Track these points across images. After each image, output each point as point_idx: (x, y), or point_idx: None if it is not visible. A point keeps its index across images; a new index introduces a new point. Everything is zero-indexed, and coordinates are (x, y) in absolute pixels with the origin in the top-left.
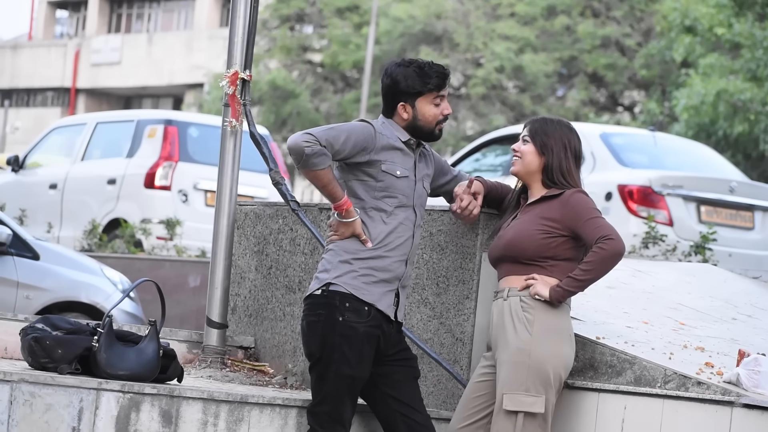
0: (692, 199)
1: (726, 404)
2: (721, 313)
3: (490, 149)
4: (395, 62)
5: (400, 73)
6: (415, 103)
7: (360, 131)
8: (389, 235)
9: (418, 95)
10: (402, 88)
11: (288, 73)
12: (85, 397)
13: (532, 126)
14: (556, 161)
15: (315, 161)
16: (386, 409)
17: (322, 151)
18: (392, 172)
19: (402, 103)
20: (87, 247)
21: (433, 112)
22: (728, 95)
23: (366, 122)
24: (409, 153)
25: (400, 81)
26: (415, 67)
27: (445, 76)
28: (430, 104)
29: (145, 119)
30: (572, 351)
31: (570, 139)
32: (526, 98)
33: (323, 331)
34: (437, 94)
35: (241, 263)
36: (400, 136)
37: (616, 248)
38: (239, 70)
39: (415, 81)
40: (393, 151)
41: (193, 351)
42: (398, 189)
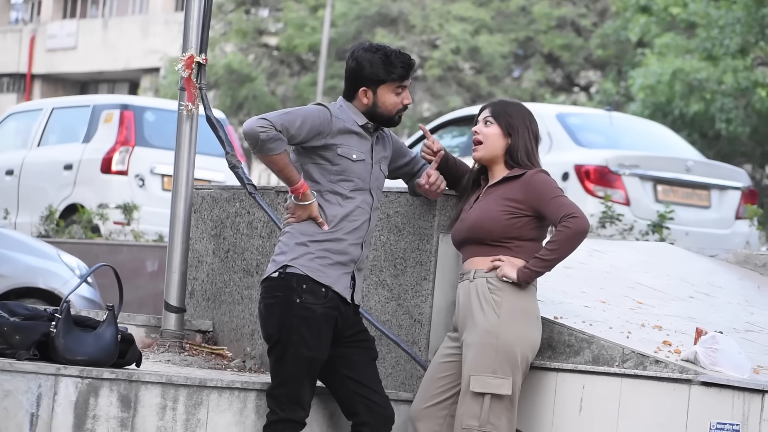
0: (649, 178)
1: (684, 382)
2: (679, 292)
3: (446, 131)
4: (363, 46)
5: (366, 58)
6: (377, 90)
7: (316, 115)
8: (345, 219)
9: (380, 83)
10: (365, 74)
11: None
12: (43, 383)
13: (495, 108)
14: (521, 142)
15: (270, 146)
16: (345, 390)
17: (277, 135)
18: (348, 155)
19: (364, 89)
20: (44, 233)
21: (394, 101)
22: (684, 74)
23: (322, 106)
24: (366, 136)
25: (365, 67)
26: (382, 54)
27: (410, 66)
28: (392, 93)
29: (101, 104)
30: (539, 333)
31: (531, 120)
32: (483, 79)
33: (281, 313)
34: (400, 84)
35: (199, 247)
36: (357, 119)
37: (581, 226)
38: (195, 54)
39: (380, 69)
40: (349, 134)
41: (152, 335)
42: (354, 173)
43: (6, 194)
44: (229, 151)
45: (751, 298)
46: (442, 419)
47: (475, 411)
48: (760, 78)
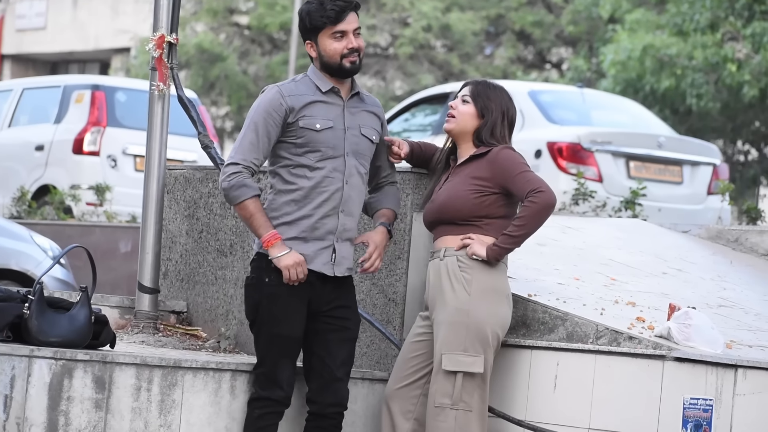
0: (621, 154)
1: (658, 358)
2: (652, 268)
3: (419, 109)
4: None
5: (303, 10)
6: (318, 41)
7: (269, 108)
8: (313, 191)
9: (317, 31)
10: (303, 26)
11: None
12: (17, 364)
13: (475, 88)
14: (491, 125)
15: (236, 194)
16: (307, 362)
17: (242, 181)
18: (311, 126)
19: (308, 42)
20: (16, 214)
21: (334, 47)
22: (655, 50)
23: (274, 87)
24: (335, 101)
25: (303, 18)
26: (317, 3)
27: (342, 8)
28: (330, 39)
29: (72, 84)
30: (510, 310)
31: (509, 107)
32: (455, 57)
33: (253, 293)
34: (335, 28)
35: (172, 228)
36: (321, 85)
37: (547, 200)
38: (165, 33)
39: (314, 16)
40: (311, 105)
41: (125, 316)
42: (321, 142)
43: None
44: (202, 131)
45: (724, 274)
46: (416, 399)
47: (447, 389)
48: (730, 53)
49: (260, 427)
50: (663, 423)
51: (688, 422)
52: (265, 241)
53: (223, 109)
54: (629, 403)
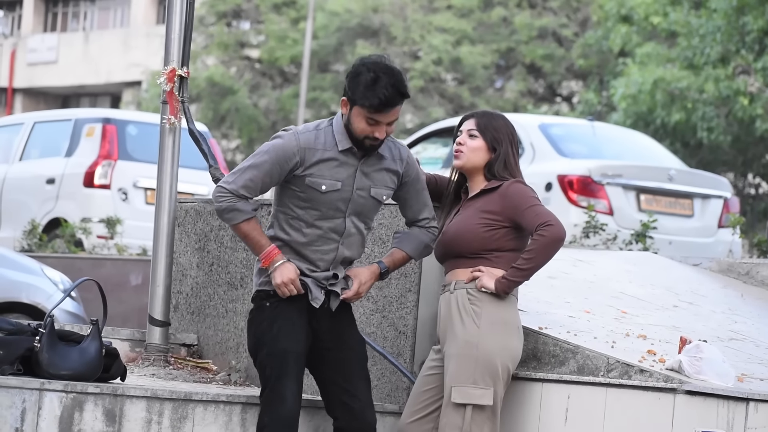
0: (632, 187)
1: (669, 391)
2: (663, 301)
3: (429, 141)
4: (371, 59)
5: (359, 71)
6: (353, 107)
7: (281, 156)
8: (306, 247)
9: (356, 102)
10: (348, 85)
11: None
12: (27, 397)
13: (480, 121)
14: (503, 156)
15: (228, 216)
16: (326, 391)
17: (232, 206)
18: (316, 186)
19: (344, 98)
20: (27, 248)
21: (362, 128)
22: (665, 84)
23: (293, 135)
24: (349, 161)
25: (351, 78)
26: (372, 76)
27: (389, 102)
28: (363, 119)
29: (83, 118)
30: (520, 343)
31: (513, 132)
32: (465, 90)
33: (255, 325)
34: (372, 115)
35: (183, 261)
36: (340, 143)
37: (556, 234)
38: (177, 67)
39: (359, 89)
40: (323, 163)
41: (136, 349)
42: (322, 203)
43: None
44: (213, 164)
45: (735, 307)
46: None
47: (457, 422)
48: (741, 86)
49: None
50: None
51: None
52: (263, 258)
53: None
54: None
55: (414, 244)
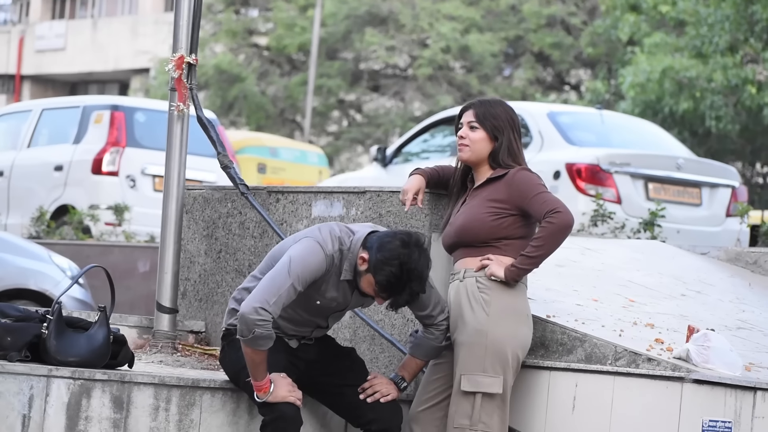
0: (640, 176)
1: (676, 380)
2: (671, 290)
3: (437, 130)
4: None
5: (389, 255)
6: (368, 273)
7: (313, 273)
8: (283, 321)
9: (373, 276)
10: (372, 260)
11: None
12: (35, 384)
13: (478, 110)
14: (506, 143)
15: (260, 342)
16: (344, 399)
17: (270, 334)
18: (312, 298)
19: (363, 257)
20: (35, 234)
21: (368, 290)
22: (674, 72)
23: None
24: (349, 287)
25: (383, 257)
26: (401, 276)
27: (399, 305)
28: (372, 290)
29: (91, 105)
30: (530, 331)
31: (513, 117)
32: (473, 78)
33: (230, 357)
34: (380, 296)
35: (191, 248)
36: (345, 273)
37: (564, 221)
38: (185, 54)
39: (380, 277)
40: (332, 282)
41: (144, 336)
42: (311, 307)
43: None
44: (221, 151)
45: (742, 296)
46: (439, 420)
47: (466, 410)
48: (750, 75)
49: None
50: None
51: None
52: (258, 386)
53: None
54: (648, 425)
55: (426, 351)
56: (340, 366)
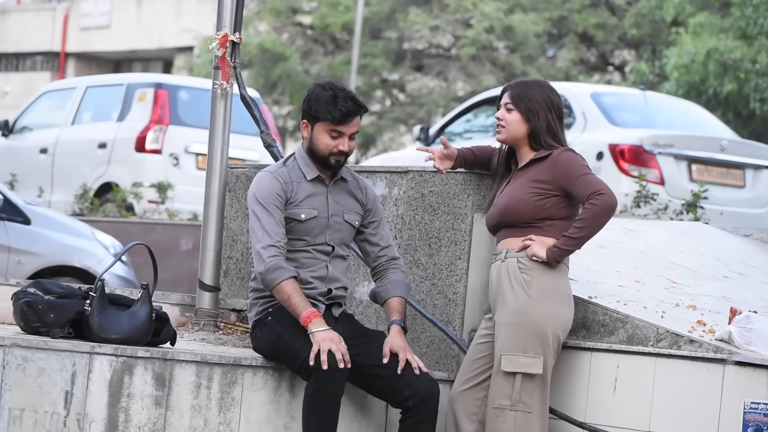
0: (683, 157)
1: (718, 362)
2: (713, 271)
3: (480, 110)
4: (322, 82)
5: (315, 92)
6: (314, 126)
7: (272, 194)
8: (299, 268)
9: (317, 119)
10: (307, 107)
11: (277, 35)
12: (78, 361)
13: (513, 92)
14: (543, 124)
15: (273, 276)
16: (381, 381)
17: (278, 264)
18: (296, 216)
19: (305, 122)
20: (78, 212)
21: (326, 142)
22: (718, 54)
23: (267, 174)
24: (319, 189)
25: (310, 99)
26: (331, 93)
27: (351, 112)
28: (326, 133)
29: (135, 83)
30: (571, 312)
31: (552, 98)
32: (517, 59)
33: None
34: (335, 127)
35: (233, 226)
36: (307, 173)
37: (608, 203)
38: (229, 32)
39: (320, 105)
40: (301, 192)
41: (186, 314)
42: (305, 231)
43: (40, 173)
44: (264, 129)
45: None
46: (480, 401)
47: (506, 390)
48: None
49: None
50: (723, 427)
51: (748, 426)
52: (303, 318)
53: (285, 108)
54: (689, 407)
55: (401, 287)
56: (372, 346)
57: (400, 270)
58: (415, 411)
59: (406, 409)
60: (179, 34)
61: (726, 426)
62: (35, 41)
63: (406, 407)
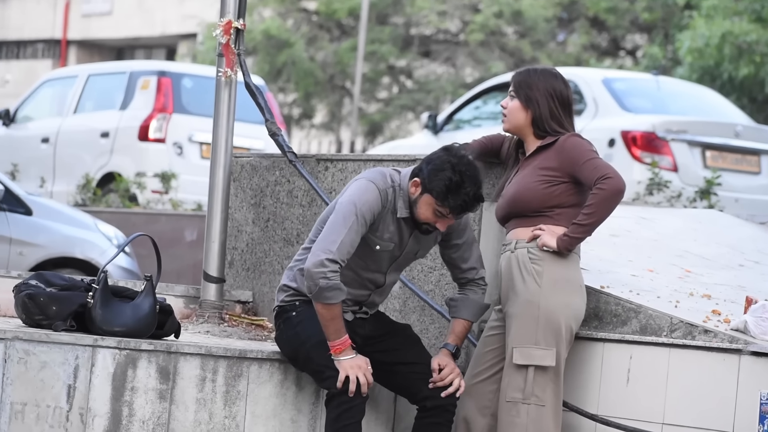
0: (697, 144)
1: (734, 352)
2: (728, 260)
3: (489, 97)
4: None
5: (441, 167)
6: (424, 195)
7: (369, 215)
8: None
9: (431, 192)
10: (428, 175)
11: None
12: (80, 354)
13: (516, 80)
14: (545, 112)
15: (328, 295)
16: (401, 377)
17: (338, 285)
18: (371, 244)
19: (417, 180)
20: (81, 202)
21: (428, 216)
22: (733, 37)
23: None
24: (404, 226)
25: (432, 169)
26: (457, 181)
27: (465, 210)
28: (431, 210)
29: (138, 71)
30: (583, 302)
31: (555, 86)
32: (526, 44)
33: (286, 335)
34: (445, 211)
35: (238, 216)
36: (400, 209)
37: (615, 186)
38: (233, 19)
39: (439, 186)
40: (388, 221)
41: (190, 306)
42: (370, 257)
43: (42, 162)
44: (269, 118)
45: None
46: (492, 394)
47: (518, 383)
48: None
49: (342, 427)
50: (739, 418)
51: (765, 418)
52: (335, 345)
53: (290, 96)
54: (704, 398)
55: (472, 310)
56: (394, 343)
57: (481, 289)
58: (432, 413)
59: (423, 408)
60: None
61: (742, 418)
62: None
63: (423, 406)
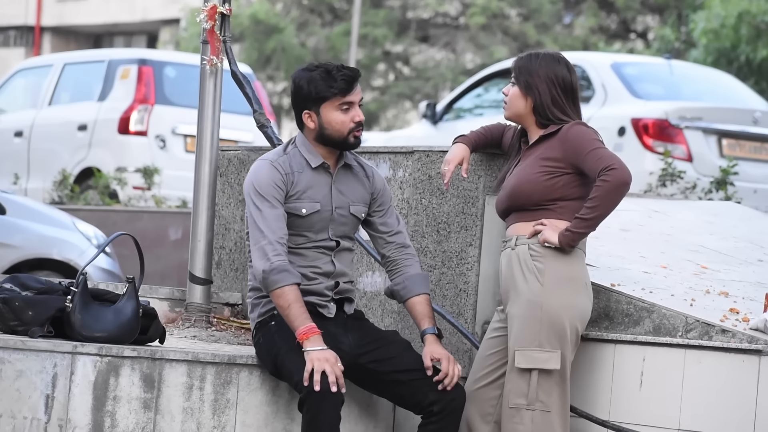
0: (713, 131)
1: (753, 353)
2: (746, 255)
3: (491, 84)
4: (301, 67)
5: (303, 77)
6: (320, 110)
7: (271, 184)
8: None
9: (322, 101)
10: (304, 94)
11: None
12: (59, 361)
13: (516, 65)
14: (546, 98)
15: (276, 278)
16: (401, 386)
17: (283, 266)
18: (296, 211)
19: (307, 112)
20: (57, 200)
21: (341, 119)
22: (751, 17)
23: (267, 162)
24: (323, 179)
25: (303, 86)
26: (321, 70)
27: (352, 79)
28: (337, 110)
29: (117, 59)
30: (589, 301)
31: (557, 72)
32: (530, 27)
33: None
34: (343, 99)
35: (225, 213)
36: (311, 160)
37: (620, 178)
38: (218, 3)
39: (319, 84)
40: (301, 183)
41: (176, 309)
42: (304, 226)
43: (15, 158)
44: (257, 109)
45: None
46: (495, 400)
47: (522, 388)
48: None
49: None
50: (760, 423)
51: None
52: (301, 332)
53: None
54: (722, 402)
55: (421, 281)
56: (386, 351)
57: (414, 259)
58: (438, 416)
59: (429, 414)
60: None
61: (763, 422)
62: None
63: (430, 412)
